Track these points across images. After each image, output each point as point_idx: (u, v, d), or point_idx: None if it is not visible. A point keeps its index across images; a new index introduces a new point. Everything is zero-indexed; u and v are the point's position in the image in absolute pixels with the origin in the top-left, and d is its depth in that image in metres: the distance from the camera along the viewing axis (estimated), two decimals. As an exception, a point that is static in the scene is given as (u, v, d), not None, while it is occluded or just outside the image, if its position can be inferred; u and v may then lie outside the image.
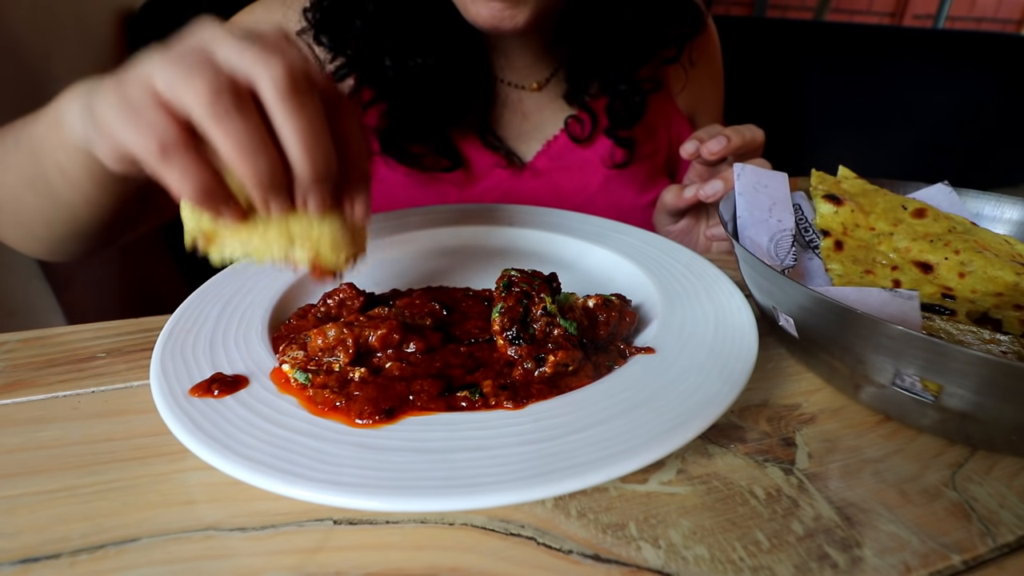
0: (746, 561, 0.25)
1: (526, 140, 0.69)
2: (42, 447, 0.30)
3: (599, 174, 0.69)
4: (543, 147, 0.69)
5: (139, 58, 0.29)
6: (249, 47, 0.28)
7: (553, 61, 0.68)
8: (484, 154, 0.66)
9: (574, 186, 0.69)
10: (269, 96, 0.28)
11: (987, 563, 0.26)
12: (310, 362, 0.32)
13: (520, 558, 0.25)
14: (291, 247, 0.33)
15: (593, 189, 0.70)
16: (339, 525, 0.26)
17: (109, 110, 0.29)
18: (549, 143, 0.69)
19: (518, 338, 0.33)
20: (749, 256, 0.36)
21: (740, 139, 0.53)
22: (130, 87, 0.28)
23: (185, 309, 0.37)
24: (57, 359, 0.38)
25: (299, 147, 0.29)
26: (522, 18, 0.53)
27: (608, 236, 0.51)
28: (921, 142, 1.24)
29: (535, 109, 0.69)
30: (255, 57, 0.27)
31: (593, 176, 0.69)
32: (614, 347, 0.36)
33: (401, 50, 0.58)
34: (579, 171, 0.69)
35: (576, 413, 0.29)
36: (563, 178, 0.69)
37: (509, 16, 0.53)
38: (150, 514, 0.27)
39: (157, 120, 0.27)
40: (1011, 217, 0.49)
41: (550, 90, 0.69)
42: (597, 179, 0.69)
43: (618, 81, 0.65)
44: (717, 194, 0.53)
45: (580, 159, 0.69)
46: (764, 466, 0.31)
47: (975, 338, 0.35)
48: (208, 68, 0.27)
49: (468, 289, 0.43)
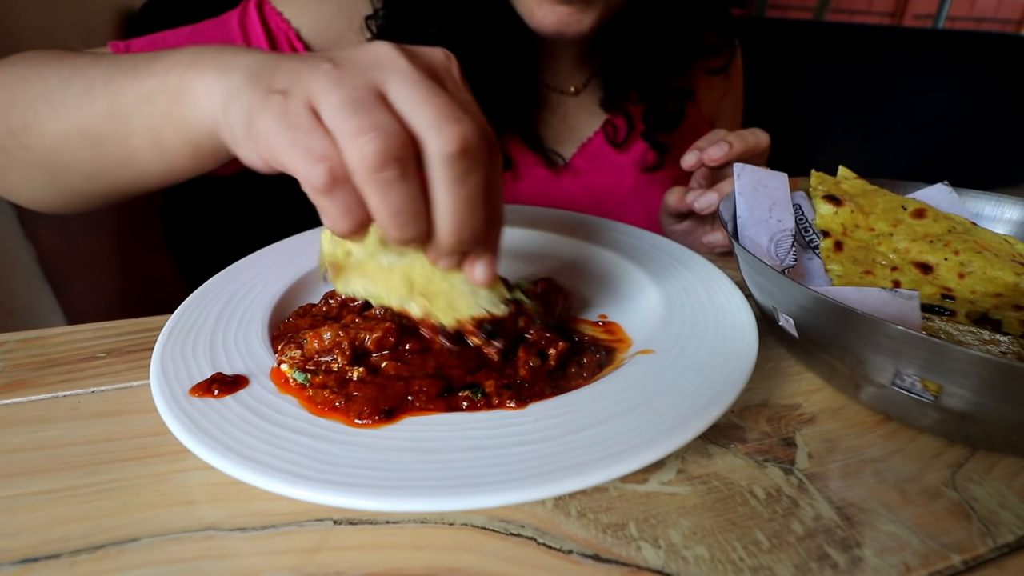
0: (746, 561, 0.25)
1: (563, 142, 0.70)
2: (42, 447, 0.30)
3: (631, 176, 0.71)
4: (578, 149, 0.70)
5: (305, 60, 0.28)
6: (429, 99, 0.26)
7: (590, 66, 0.70)
8: (525, 154, 0.68)
9: (608, 187, 0.71)
10: (436, 166, 0.27)
11: (987, 563, 0.26)
12: (308, 362, 0.32)
13: (520, 558, 0.25)
14: (407, 298, 0.33)
15: (626, 191, 0.71)
16: (339, 525, 0.26)
17: (272, 128, 0.27)
18: (584, 145, 0.70)
19: (494, 333, 0.33)
20: (749, 256, 0.36)
21: (743, 145, 0.53)
22: (294, 106, 0.27)
23: (185, 309, 0.37)
24: (57, 359, 0.38)
25: (451, 220, 0.28)
26: (587, 23, 0.54)
27: (608, 236, 0.51)
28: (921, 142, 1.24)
29: (572, 112, 0.70)
30: (433, 119, 0.26)
31: (626, 178, 0.71)
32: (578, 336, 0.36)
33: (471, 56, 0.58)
34: (613, 173, 0.71)
35: (576, 413, 0.29)
36: (598, 179, 0.71)
37: (575, 22, 0.54)
38: (150, 514, 0.27)
39: (327, 153, 0.26)
40: (1011, 217, 0.49)
41: (587, 94, 0.70)
42: (629, 181, 0.71)
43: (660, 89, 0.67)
44: (712, 206, 0.54)
45: (614, 161, 0.71)
46: (764, 466, 0.31)
47: (975, 339, 0.35)
48: (379, 123, 0.26)
49: None
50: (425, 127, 0.26)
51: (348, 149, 0.26)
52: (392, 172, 0.26)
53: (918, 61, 1.25)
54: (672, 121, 0.68)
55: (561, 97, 0.70)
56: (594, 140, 0.70)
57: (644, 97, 0.68)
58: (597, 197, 0.71)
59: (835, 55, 1.23)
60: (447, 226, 0.28)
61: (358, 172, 0.26)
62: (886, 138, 1.25)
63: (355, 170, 0.26)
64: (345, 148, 0.26)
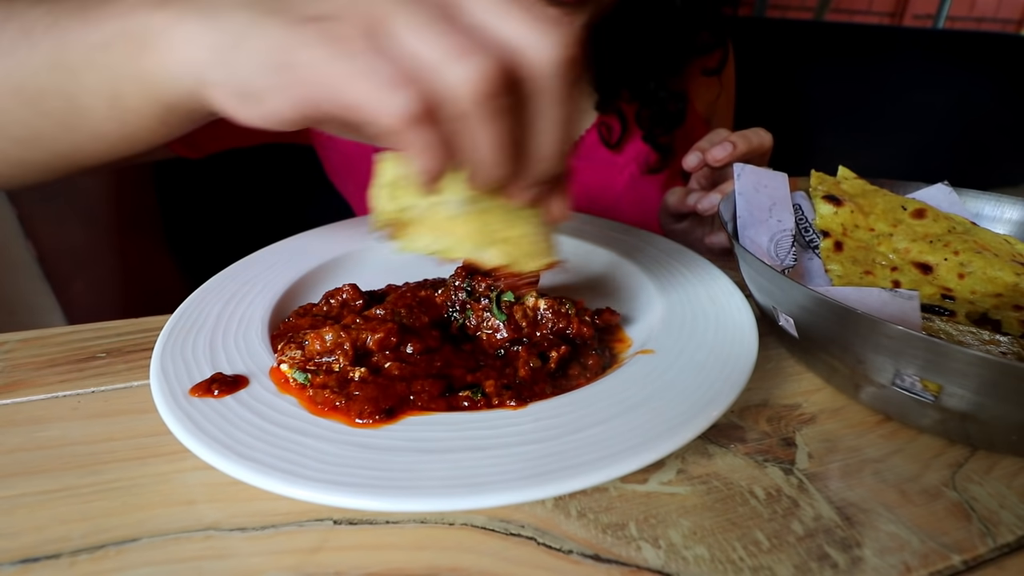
0: (746, 561, 0.25)
1: None
2: (42, 447, 0.30)
3: (625, 174, 0.70)
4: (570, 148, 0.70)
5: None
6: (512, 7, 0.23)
7: None
8: None
9: (601, 185, 0.70)
10: (541, 82, 0.24)
11: (987, 563, 0.26)
12: (308, 362, 0.32)
13: (520, 558, 0.25)
14: (484, 246, 0.30)
15: (620, 189, 0.70)
16: (339, 525, 0.26)
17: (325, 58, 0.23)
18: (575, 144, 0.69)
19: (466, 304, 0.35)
20: (749, 256, 0.36)
21: (746, 145, 0.53)
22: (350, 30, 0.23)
23: (185, 309, 0.37)
24: (57, 359, 0.38)
25: (552, 146, 0.25)
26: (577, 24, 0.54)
27: (608, 236, 0.51)
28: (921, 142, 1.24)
29: None
30: (528, 28, 0.23)
31: (620, 176, 0.70)
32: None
33: None
34: (606, 171, 0.70)
35: (576, 413, 0.29)
36: (591, 178, 0.70)
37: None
38: (150, 514, 0.27)
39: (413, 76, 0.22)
40: (1011, 217, 0.49)
41: None
42: (623, 179, 0.70)
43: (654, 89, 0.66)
44: (713, 207, 0.53)
45: (607, 160, 0.70)
46: (764, 466, 0.31)
47: (975, 339, 0.35)
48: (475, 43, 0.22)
49: None
50: (520, 34, 0.23)
51: (448, 73, 0.22)
52: (504, 98, 0.23)
53: (918, 61, 1.24)
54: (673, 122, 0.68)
55: None
56: (586, 138, 0.70)
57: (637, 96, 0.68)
58: (591, 196, 0.70)
59: (835, 55, 1.22)
60: (547, 153, 0.25)
61: (462, 99, 0.23)
62: (886, 138, 1.25)
63: (458, 96, 0.23)
64: (443, 72, 0.22)
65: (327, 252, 0.47)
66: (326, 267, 0.45)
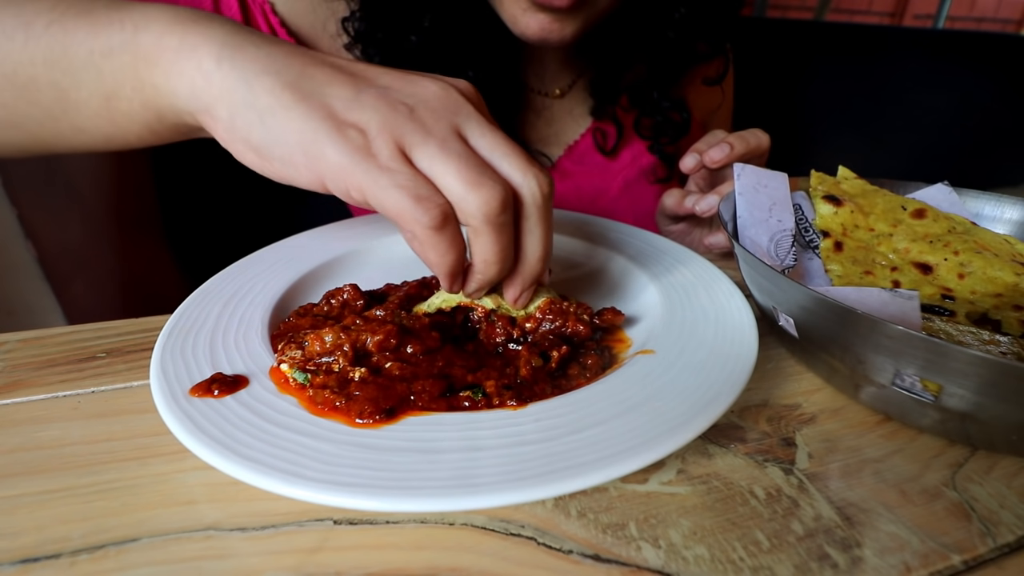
0: (746, 561, 0.25)
1: (549, 144, 0.70)
2: (42, 447, 0.30)
3: (621, 178, 0.70)
4: (565, 151, 0.70)
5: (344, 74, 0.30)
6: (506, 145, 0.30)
7: (575, 69, 0.69)
8: None
9: (597, 189, 0.70)
10: (531, 210, 0.31)
11: (987, 563, 0.26)
12: (308, 363, 0.32)
13: (520, 558, 0.25)
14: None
15: (615, 193, 0.71)
16: (339, 525, 0.26)
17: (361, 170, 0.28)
18: (571, 147, 0.70)
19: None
20: (749, 256, 0.36)
21: (744, 146, 0.53)
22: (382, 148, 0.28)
23: (185, 309, 0.37)
24: (57, 359, 0.38)
25: (538, 258, 0.33)
26: (570, 31, 0.54)
27: (608, 236, 0.51)
28: (921, 142, 1.24)
29: (558, 115, 0.70)
30: (521, 166, 0.30)
31: (614, 180, 0.70)
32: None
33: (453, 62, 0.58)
34: (601, 175, 0.70)
35: (576, 413, 0.29)
36: (586, 182, 0.70)
37: (557, 29, 0.53)
38: (150, 514, 0.27)
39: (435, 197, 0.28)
40: (1011, 217, 0.49)
41: (572, 97, 0.70)
42: (618, 183, 0.70)
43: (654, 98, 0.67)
44: (712, 209, 0.53)
45: (602, 164, 0.70)
46: (764, 466, 0.31)
47: (975, 339, 0.35)
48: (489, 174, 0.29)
49: None
50: (517, 174, 0.30)
51: (466, 199, 0.28)
52: (507, 216, 0.30)
53: (918, 61, 1.24)
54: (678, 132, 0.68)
55: (546, 100, 0.69)
56: (581, 143, 0.70)
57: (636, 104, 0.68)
58: (586, 199, 0.70)
59: (835, 55, 1.22)
60: (533, 264, 0.32)
61: (475, 217, 0.29)
62: (886, 138, 1.25)
63: (472, 215, 0.29)
64: (462, 197, 0.28)
65: (327, 252, 0.47)
66: (326, 267, 0.45)
